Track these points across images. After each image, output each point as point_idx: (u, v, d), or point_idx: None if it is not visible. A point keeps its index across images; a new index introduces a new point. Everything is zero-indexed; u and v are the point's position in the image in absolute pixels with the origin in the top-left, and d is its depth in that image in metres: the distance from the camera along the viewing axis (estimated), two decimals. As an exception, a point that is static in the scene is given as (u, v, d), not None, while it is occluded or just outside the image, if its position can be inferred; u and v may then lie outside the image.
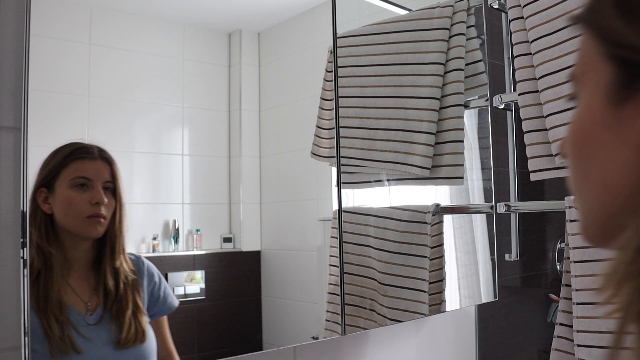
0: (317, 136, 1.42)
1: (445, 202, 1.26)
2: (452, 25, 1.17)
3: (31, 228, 0.92)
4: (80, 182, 0.97)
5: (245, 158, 1.97)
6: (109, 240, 1.00)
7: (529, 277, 1.72)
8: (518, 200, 1.49)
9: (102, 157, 1.04)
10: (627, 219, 0.34)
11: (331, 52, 1.32)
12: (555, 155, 1.09)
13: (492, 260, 1.40)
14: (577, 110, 0.40)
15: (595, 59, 0.38)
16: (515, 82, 1.18)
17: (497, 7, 1.27)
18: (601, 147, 0.38)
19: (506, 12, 1.18)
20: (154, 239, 1.11)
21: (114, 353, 0.93)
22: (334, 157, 1.28)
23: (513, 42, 1.16)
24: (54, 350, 0.85)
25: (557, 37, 1.05)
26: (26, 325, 0.75)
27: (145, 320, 0.98)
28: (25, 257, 0.77)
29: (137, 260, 1.03)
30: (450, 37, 1.17)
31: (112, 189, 1.00)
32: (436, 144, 1.15)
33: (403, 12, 1.32)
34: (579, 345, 1.02)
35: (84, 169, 1.00)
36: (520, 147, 1.34)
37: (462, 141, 1.14)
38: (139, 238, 1.12)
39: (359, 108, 1.25)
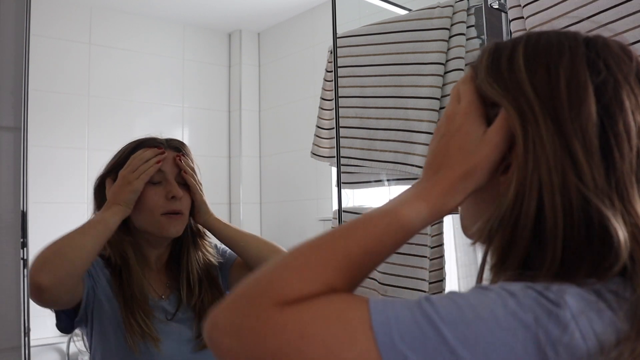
0: (317, 136, 1.42)
1: (445, 202, 1.26)
2: (452, 25, 1.17)
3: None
4: (153, 177, 0.91)
5: (245, 158, 1.96)
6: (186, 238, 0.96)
7: (529, 277, 1.72)
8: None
9: (172, 147, 0.97)
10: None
11: (331, 52, 1.32)
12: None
13: (492, 260, 1.39)
14: None
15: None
16: (515, 82, 1.17)
17: (497, 7, 1.27)
18: None
19: (506, 12, 1.18)
20: (154, 239, 1.10)
21: (192, 353, 0.90)
22: (334, 157, 1.28)
23: (513, 42, 1.16)
24: (133, 342, 0.83)
25: (557, 37, 1.05)
26: (26, 325, 0.75)
27: None
28: (25, 257, 0.77)
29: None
30: (450, 37, 1.17)
31: (184, 181, 0.95)
32: (436, 144, 1.15)
33: (403, 12, 1.32)
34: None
35: None
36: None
37: (462, 141, 1.15)
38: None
39: (359, 108, 1.25)
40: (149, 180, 0.90)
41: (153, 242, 0.94)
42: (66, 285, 0.79)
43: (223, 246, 1.01)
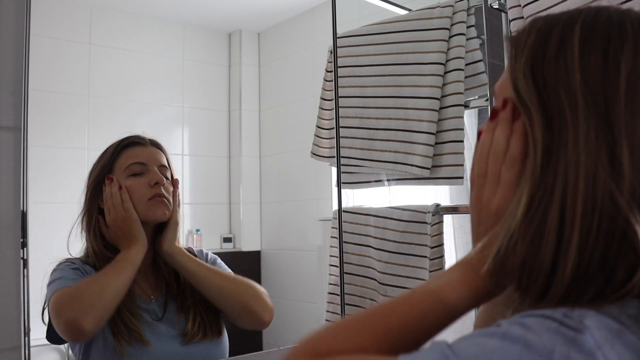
0: (317, 136, 1.42)
1: (445, 202, 1.26)
2: (452, 25, 1.17)
3: (88, 234, 0.90)
4: (136, 168, 0.93)
5: (245, 158, 1.96)
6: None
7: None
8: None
9: (153, 144, 0.99)
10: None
11: (331, 52, 1.32)
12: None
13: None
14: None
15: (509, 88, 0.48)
16: (515, 82, 1.17)
17: (497, 7, 1.27)
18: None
19: (506, 12, 1.18)
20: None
21: (181, 348, 0.89)
22: (334, 157, 1.28)
23: (513, 42, 1.15)
24: (120, 345, 0.83)
25: (557, 37, 1.04)
26: (26, 325, 0.75)
27: (216, 316, 0.93)
28: (25, 257, 0.77)
29: (191, 250, 1.00)
30: (450, 37, 1.17)
31: (168, 176, 0.96)
32: (436, 144, 1.15)
33: (403, 12, 1.32)
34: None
35: (136, 155, 0.94)
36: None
37: (462, 141, 1.14)
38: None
39: (359, 108, 1.25)
40: (131, 174, 0.92)
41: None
42: (103, 326, 0.81)
43: (209, 253, 1.02)
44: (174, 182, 0.96)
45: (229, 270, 1.00)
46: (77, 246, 0.91)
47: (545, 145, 0.42)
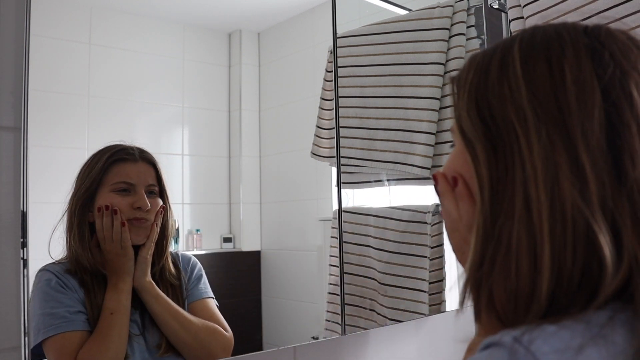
0: (317, 136, 1.42)
1: (445, 202, 1.26)
2: (452, 25, 1.17)
3: (72, 240, 0.90)
4: (122, 187, 0.93)
5: (245, 158, 1.96)
6: (155, 244, 0.95)
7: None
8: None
9: (143, 158, 0.99)
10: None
11: (331, 52, 1.32)
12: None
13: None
14: (452, 154, 0.50)
15: None
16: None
17: (497, 7, 1.27)
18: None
19: (506, 12, 1.18)
20: (154, 239, 1.10)
21: (158, 359, 0.90)
22: (334, 157, 1.28)
23: (513, 42, 1.16)
24: None
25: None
26: (26, 325, 0.75)
27: None
28: (25, 257, 0.77)
29: (177, 258, 1.00)
30: (450, 37, 1.17)
31: (157, 191, 0.96)
32: (436, 144, 1.15)
33: (403, 12, 1.32)
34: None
35: (125, 174, 0.95)
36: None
37: (462, 141, 1.15)
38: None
39: (359, 108, 1.25)
40: (116, 189, 0.92)
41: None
42: None
43: (197, 267, 1.02)
44: (158, 210, 0.95)
45: (210, 294, 1.00)
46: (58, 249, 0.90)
47: (492, 179, 0.42)
